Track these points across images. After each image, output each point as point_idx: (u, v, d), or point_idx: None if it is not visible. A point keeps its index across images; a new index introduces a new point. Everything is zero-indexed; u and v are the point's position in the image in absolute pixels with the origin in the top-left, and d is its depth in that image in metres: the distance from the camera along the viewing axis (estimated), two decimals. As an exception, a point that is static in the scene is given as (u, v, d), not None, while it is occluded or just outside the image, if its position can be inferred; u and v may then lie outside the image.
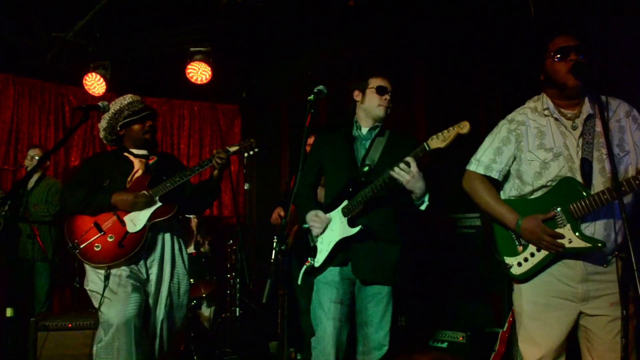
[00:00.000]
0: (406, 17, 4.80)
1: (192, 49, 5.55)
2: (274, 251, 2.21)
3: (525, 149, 2.53)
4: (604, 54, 2.78)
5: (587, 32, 2.60)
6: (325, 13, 4.94)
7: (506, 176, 2.65)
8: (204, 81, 5.72)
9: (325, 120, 5.86)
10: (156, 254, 3.31)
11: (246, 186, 5.81)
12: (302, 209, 3.14)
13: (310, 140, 4.27)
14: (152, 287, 3.28)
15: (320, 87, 2.73)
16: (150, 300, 3.27)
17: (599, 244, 2.31)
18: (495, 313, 3.87)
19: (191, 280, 4.92)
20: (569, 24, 2.64)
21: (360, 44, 5.27)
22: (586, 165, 2.40)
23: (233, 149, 3.41)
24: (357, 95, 3.14)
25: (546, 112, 2.54)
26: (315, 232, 3.03)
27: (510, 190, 2.62)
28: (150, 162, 3.41)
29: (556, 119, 2.51)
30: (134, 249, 3.20)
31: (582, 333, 2.45)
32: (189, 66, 5.62)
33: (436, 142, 2.66)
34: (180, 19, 5.26)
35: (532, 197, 2.52)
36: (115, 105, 3.34)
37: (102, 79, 5.72)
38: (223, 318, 5.27)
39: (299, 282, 3.08)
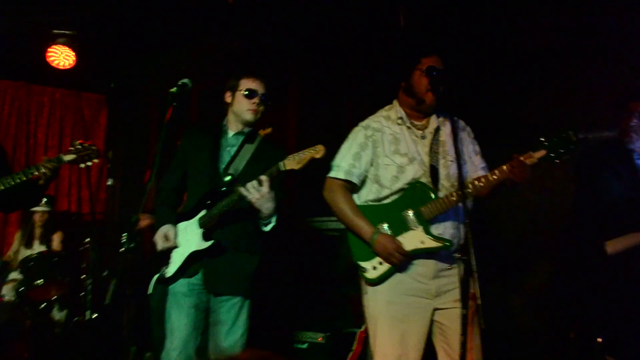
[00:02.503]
0: (284, 19, 4.83)
1: (55, 31, 5.19)
2: (121, 249, 2.08)
3: (382, 154, 2.65)
4: (461, 75, 3.03)
5: (451, 50, 2.82)
6: (202, 8, 4.81)
7: (363, 181, 2.73)
8: (67, 67, 5.39)
9: (196, 118, 5.71)
10: None
11: (109, 182, 5.48)
12: (159, 219, 2.99)
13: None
14: None
15: (185, 80, 2.65)
16: None
17: (448, 244, 2.51)
18: (354, 313, 3.95)
19: (39, 282, 4.66)
20: (437, 43, 2.83)
21: (237, 42, 5.21)
22: (434, 172, 2.61)
23: (68, 157, 2.90)
24: (228, 96, 3.03)
25: (399, 121, 2.71)
26: (158, 248, 2.90)
27: (367, 195, 2.71)
28: None
29: (409, 128, 2.69)
30: None
31: (437, 329, 2.57)
32: (50, 49, 5.26)
33: (291, 162, 2.66)
34: (44, -2, 4.86)
35: (387, 201, 2.64)
36: None
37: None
38: (76, 322, 4.93)
39: (150, 291, 2.93)
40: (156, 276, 2.93)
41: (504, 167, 2.43)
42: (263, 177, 2.69)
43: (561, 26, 3.83)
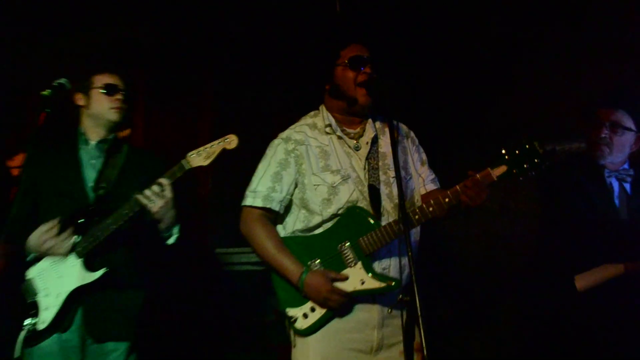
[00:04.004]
0: (196, 8, 4.76)
1: None
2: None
3: (309, 172, 2.59)
4: (395, 71, 3.06)
5: (382, 44, 2.82)
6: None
7: (288, 207, 2.67)
8: None
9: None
10: None
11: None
12: (22, 238, 2.85)
13: None
14: None
15: (62, 80, 2.65)
16: None
17: (393, 283, 2.44)
18: (280, 367, 3.94)
19: None
20: (356, 30, 2.90)
21: (140, 34, 5.04)
22: (374, 192, 2.55)
23: None
24: (79, 99, 3.02)
25: (328, 130, 2.66)
26: (57, 249, 2.77)
27: (294, 224, 2.64)
28: None
29: (339, 137, 2.64)
30: None
31: None
32: None
33: (197, 159, 2.68)
34: None
35: (319, 231, 2.58)
36: None
37: None
38: None
39: (19, 354, 2.78)
40: (24, 333, 2.77)
41: (457, 188, 2.37)
42: (164, 180, 2.70)
43: (527, 20, 3.95)
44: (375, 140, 2.66)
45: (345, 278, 2.47)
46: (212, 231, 4.60)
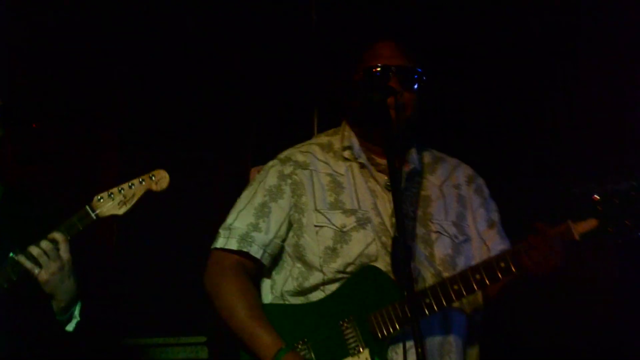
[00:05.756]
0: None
1: None
2: None
3: (310, 207, 2.43)
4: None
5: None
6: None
7: (278, 258, 2.49)
8: None
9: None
10: None
11: None
12: None
13: None
14: None
15: None
16: None
17: None
18: None
19: None
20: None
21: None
22: (400, 249, 2.25)
23: None
24: None
25: (347, 154, 2.51)
26: None
27: (284, 282, 2.47)
28: None
29: (362, 166, 2.49)
30: None
31: None
32: None
33: (109, 206, 2.54)
34: None
35: (318, 296, 2.39)
36: None
37: None
38: None
39: None
40: None
41: (519, 248, 2.19)
42: (58, 236, 2.49)
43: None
44: (414, 176, 2.51)
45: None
46: (126, 311, 4.26)
